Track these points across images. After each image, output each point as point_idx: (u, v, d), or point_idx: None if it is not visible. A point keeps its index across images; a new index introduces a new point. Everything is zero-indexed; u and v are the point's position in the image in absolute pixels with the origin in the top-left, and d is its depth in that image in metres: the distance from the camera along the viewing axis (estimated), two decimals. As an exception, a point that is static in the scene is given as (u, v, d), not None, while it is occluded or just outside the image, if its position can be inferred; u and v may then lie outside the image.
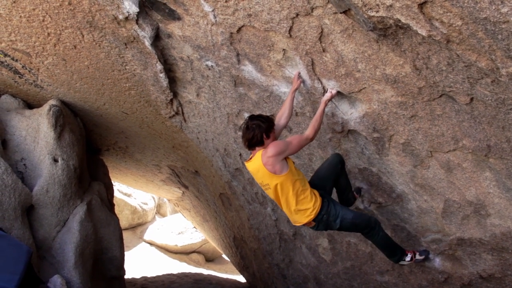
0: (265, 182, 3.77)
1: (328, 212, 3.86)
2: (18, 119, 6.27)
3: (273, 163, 3.56)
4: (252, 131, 3.59)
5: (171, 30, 4.64)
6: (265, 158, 3.57)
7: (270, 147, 3.56)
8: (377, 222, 4.08)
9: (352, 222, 3.92)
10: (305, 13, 3.24)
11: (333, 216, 3.87)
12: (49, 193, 5.76)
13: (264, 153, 3.59)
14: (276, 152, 3.54)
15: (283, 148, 3.58)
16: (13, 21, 4.95)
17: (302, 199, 3.76)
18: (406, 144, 3.67)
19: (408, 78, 3.06)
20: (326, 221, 3.88)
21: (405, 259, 4.20)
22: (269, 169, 3.59)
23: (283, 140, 3.68)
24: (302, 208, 3.78)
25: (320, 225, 3.92)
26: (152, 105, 6.58)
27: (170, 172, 11.20)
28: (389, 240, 4.19)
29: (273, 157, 3.54)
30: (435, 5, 2.26)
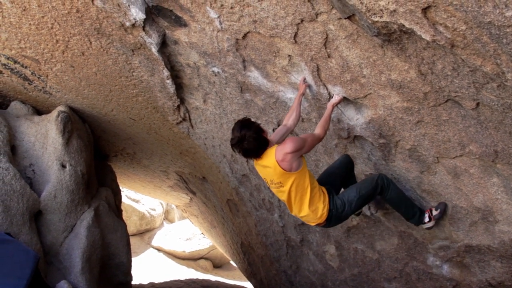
0: (276, 180, 3.55)
1: (335, 206, 3.71)
2: (27, 125, 6.32)
3: (291, 160, 3.37)
4: (248, 149, 3.42)
5: (177, 37, 4.67)
6: (282, 154, 3.37)
7: (288, 143, 3.35)
8: (384, 178, 3.83)
9: (359, 197, 3.73)
10: (310, 19, 3.24)
11: (341, 206, 3.72)
12: (57, 198, 5.79)
13: (281, 149, 3.39)
14: (295, 148, 3.35)
15: (301, 145, 3.40)
16: (23, 28, 5.00)
17: (313, 196, 3.61)
18: (413, 150, 3.65)
19: (414, 84, 3.05)
20: (337, 214, 3.73)
21: (424, 220, 3.91)
22: (285, 166, 3.39)
23: (299, 137, 3.49)
24: (314, 207, 3.63)
25: (332, 221, 3.78)
26: (160, 111, 6.61)
27: (178, 178, 11.21)
28: (403, 194, 3.91)
29: (291, 153, 3.34)
30: (438, 10, 2.25)
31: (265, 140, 3.46)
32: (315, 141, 3.61)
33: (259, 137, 3.39)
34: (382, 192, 3.84)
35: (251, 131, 3.36)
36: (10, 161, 5.48)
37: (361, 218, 4.95)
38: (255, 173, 6.61)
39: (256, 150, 3.44)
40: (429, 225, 3.92)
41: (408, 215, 3.94)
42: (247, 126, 3.39)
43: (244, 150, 3.42)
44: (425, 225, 3.93)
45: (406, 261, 4.74)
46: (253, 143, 3.36)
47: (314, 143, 3.62)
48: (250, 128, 3.37)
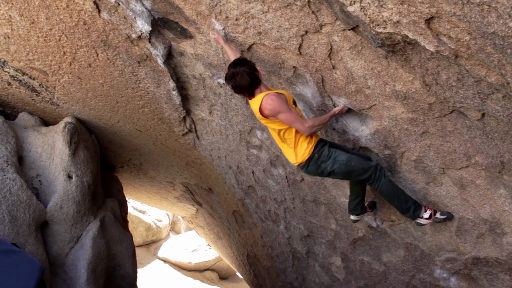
0: (263, 121, 3.70)
1: (320, 152, 3.70)
2: (34, 136, 6.36)
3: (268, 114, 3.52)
4: (240, 85, 3.47)
5: (183, 48, 4.70)
6: (264, 103, 3.47)
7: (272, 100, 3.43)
8: (378, 171, 3.75)
9: (346, 164, 3.67)
10: (314, 30, 3.26)
11: (324, 156, 3.69)
12: (63, 209, 5.81)
13: (265, 101, 3.46)
14: (272, 110, 3.45)
15: (278, 110, 3.44)
16: (31, 41, 5.06)
17: (299, 137, 3.68)
18: (418, 161, 3.63)
19: (418, 94, 3.05)
20: (317, 160, 3.70)
21: (423, 215, 3.80)
22: (265, 114, 3.53)
23: (287, 108, 3.48)
24: (298, 146, 3.69)
25: (310, 164, 3.75)
26: (166, 122, 6.63)
27: (184, 189, 11.22)
28: (397, 189, 3.80)
29: (268, 110, 3.47)
30: (442, 20, 2.25)
31: (257, 78, 3.51)
32: (299, 127, 3.55)
33: (252, 74, 3.44)
34: (370, 181, 3.79)
35: (245, 67, 3.42)
36: (17, 171, 5.51)
37: (367, 229, 4.92)
38: (260, 185, 6.60)
39: (248, 86, 3.48)
40: (424, 222, 3.86)
41: (402, 208, 3.86)
42: (241, 62, 3.46)
43: (236, 86, 3.49)
44: (421, 220, 3.86)
45: (413, 274, 4.69)
46: (245, 78, 3.42)
47: (295, 127, 3.57)
48: (244, 65, 3.43)
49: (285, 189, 6.02)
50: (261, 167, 6.13)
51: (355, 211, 4.32)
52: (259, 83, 3.54)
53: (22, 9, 4.56)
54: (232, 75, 3.43)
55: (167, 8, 4.16)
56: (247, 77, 3.42)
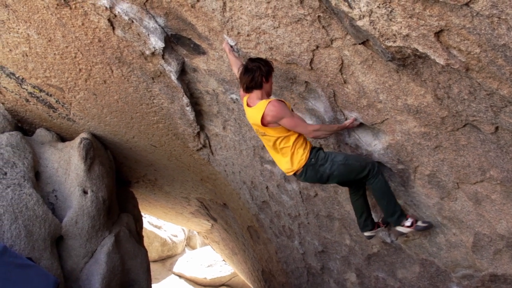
0: (261, 130, 3.65)
1: (316, 156, 3.69)
2: (51, 152, 6.45)
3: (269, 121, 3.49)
4: (252, 73, 3.42)
5: (196, 64, 4.75)
6: (267, 110, 3.44)
7: (275, 106, 3.44)
8: (376, 167, 3.75)
9: (345, 163, 3.67)
10: (325, 45, 3.27)
11: (322, 159, 3.68)
12: (78, 224, 5.86)
13: (269, 108, 3.44)
14: (275, 117, 3.44)
15: (282, 115, 3.44)
16: (48, 58, 5.16)
17: (296, 144, 3.67)
18: (432, 175, 3.59)
19: (430, 108, 3.02)
20: (315, 165, 3.68)
21: (404, 223, 3.84)
22: (265, 121, 3.51)
23: (290, 113, 3.51)
24: (295, 153, 3.67)
25: (308, 170, 3.71)
26: (180, 138, 6.67)
27: (199, 205, 11.23)
28: (390, 190, 3.81)
29: (271, 116, 3.45)
30: (451, 33, 2.24)
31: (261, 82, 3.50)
32: (302, 130, 3.58)
33: (260, 76, 3.44)
34: (368, 178, 3.75)
35: (264, 66, 3.44)
36: (34, 186, 5.58)
37: (381, 245, 4.86)
38: (275, 200, 6.58)
39: (260, 80, 3.47)
40: (405, 230, 3.88)
41: (389, 211, 3.85)
42: (262, 61, 3.47)
43: (242, 74, 3.49)
44: (402, 228, 3.88)
45: (429, 290, 4.62)
46: (251, 75, 3.44)
47: (299, 130, 3.59)
48: (265, 65, 3.45)
49: (299, 204, 5.99)
50: (275, 182, 6.12)
51: (367, 228, 4.28)
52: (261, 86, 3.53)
53: (40, 28, 4.66)
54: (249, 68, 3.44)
55: (180, 24, 4.21)
56: (264, 74, 3.45)
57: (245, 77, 3.47)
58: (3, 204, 4.95)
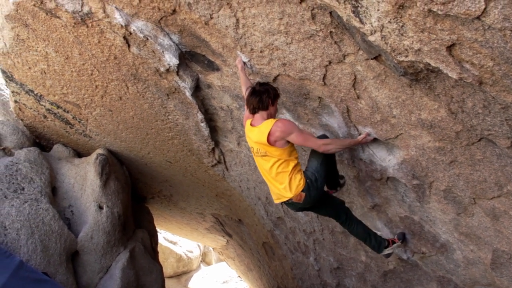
0: (262, 150, 3.64)
1: (308, 176, 3.72)
2: (67, 167, 6.53)
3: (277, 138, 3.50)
4: (260, 95, 3.49)
5: (210, 81, 4.79)
6: (275, 127, 3.47)
7: (283, 122, 3.50)
8: None
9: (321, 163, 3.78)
10: (337, 60, 3.27)
11: (312, 175, 3.73)
12: (94, 239, 5.89)
13: (276, 124, 3.48)
14: (284, 132, 3.46)
15: (291, 130, 3.48)
16: (65, 75, 5.26)
17: (294, 169, 3.67)
18: (447, 190, 3.54)
19: (444, 123, 2.99)
20: (313, 183, 3.70)
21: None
22: (270, 140, 3.50)
23: (299, 128, 3.57)
24: (293, 179, 3.65)
25: (311, 190, 3.69)
26: (195, 154, 6.71)
27: (214, 221, 11.23)
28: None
29: (280, 132, 3.47)
30: (463, 47, 2.23)
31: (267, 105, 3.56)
32: (313, 145, 3.61)
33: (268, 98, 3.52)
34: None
35: (272, 90, 3.54)
36: (51, 202, 5.64)
37: (397, 262, 4.79)
38: (289, 216, 6.55)
39: (266, 102, 3.54)
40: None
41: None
42: (269, 85, 3.59)
43: (250, 96, 3.56)
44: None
45: (446, 309, 4.53)
46: (259, 97, 3.51)
47: (308, 144, 3.60)
48: (272, 88, 3.57)
49: (314, 220, 5.95)
50: (289, 198, 6.09)
51: (382, 245, 4.22)
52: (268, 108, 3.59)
53: (58, 46, 4.76)
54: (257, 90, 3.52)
55: (194, 41, 4.26)
56: (272, 97, 3.53)
57: (252, 98, 3.54)
58: (20, 219, 5.00)
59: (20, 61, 5.21)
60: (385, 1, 2.25)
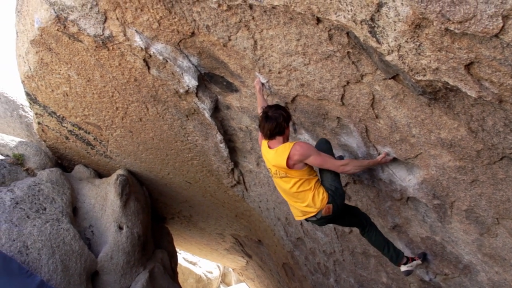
0: (282, 172, 3.65)
1: (327, 187, 3.72)
2: (88, 188, 6.61)
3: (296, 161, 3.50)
4: (276, 120, 3.45)
5: (229, 102, 4.82)
6: (293, 150, 3.46)
7: (302, 146, 3.48)
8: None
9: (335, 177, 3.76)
10: (355, 80, 3.27)
11: (331, 186, 3.72)
12: (113, 259, 5.91)
13: (295, 148, 3.47)
14: (302, 155, 3.46)
15: (309, 153, 3.48)
16: (87, 97, 5.36)
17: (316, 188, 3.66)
18: (470, 210, 3.47)
19: (465, 142, 2.95)
20: (335, 192, 3.70)
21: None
22: (290, 163, 3.50)
23: (316, 150, 3.55)
24: (317, 195, 3.66)
25: (336, 199, 3.69)
26: (214, 174, 6.73)
27: (234, 241, 11.19)
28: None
29: (298, 155, 3.46)
30: (482, 65, 2.20)
31: (284, 129, 3.56)
32: (332, 167, 3.60)
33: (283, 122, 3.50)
34: None
35: (284, 112, 3.50)
36: (71, 222, 5.70)
37: (419, 283, 4.68)
38: (309, 237, 6.49)
39: (280, 129, 3.52)
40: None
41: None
42: (281, 108, 3.52)
43: (264, 122, 3.52)
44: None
45: (472, 333, 4.40)
46: (274, 122, 3.47)
47: (326, 166, 3.60)
48: (284, 111, 3.52)
49: (334, 241, 5.88)
50: (309, 218, 6.05)
51: (399, 256, 4.17)
52: (284, 132, 3.59)
53: (80, 69, 4.86)
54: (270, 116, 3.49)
55: (213, 63, 4.31)
56: (286, 120, 3.52)
57: (268, 124, 3.51)
58: (42, 239, 5.06)
59: (44, 83, 5.34)
60: (401, 21, 2.25)
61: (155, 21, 3.85)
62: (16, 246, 4.79)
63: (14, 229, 4.88)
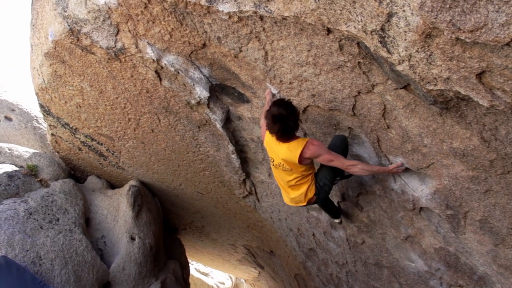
0: (287, 166, 3.75)
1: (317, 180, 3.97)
2: (101, 199, 6.65)
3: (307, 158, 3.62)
4: (286, 121, 3.38)
5: (240, 113, 4.83)
6: (306, 148, 3.52)
7: (315, 144, 3.53)
8: None
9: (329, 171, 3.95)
10: (366, 90, 3.26)
11: (319, 181, 3.96)
12: (125, 270, 5.92)
13: (307, 146, 3.52)
14: (314, 153, 3.54)
15: (320, 152, 3.55)
16: (99, 109, 5.41)
17: (312, 180, 3.94)
18: (483, 221, 3.43)
19: (477, 151, 2.92)
20: (322, 187, 3.97)
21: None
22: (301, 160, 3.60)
23: (327, 149, 3.59)
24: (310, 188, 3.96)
25: (321, 193, 4.01)
26: (226, 185, 6.73)
27: (246, 252, 11.15)
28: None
29: (310, 154, 3.55)
30: (494, 74, 2.19)
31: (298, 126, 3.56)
32: (340, 165, 3.63)
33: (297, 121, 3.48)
34: None
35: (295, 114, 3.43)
36: (84, 232, 5.73)
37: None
38: (321, 247, 6.45)
39: (293, 132, 3.52)
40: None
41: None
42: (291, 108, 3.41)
43: (284, 128, 3.44)
44: None
45: None
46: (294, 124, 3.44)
47: (334, 164, 3.63)
48: (294, 111, 3.43)
49: (346, 252, 5.84)
50: (321, 229, 6.02)
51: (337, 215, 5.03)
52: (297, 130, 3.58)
53: (92, 81, 4.92)
54: (282, 117, 3.40)
55: (224, 74, 4.34)
56: (297, 119, 3.47)
57: (276, 126, 3.43)
58: (55, 250, 5.09)
59: (57, 95, 5.40)
60: (412, 31, 2.25)
61: (167, 33, 3.89)
62: (30, 257, 4.82)
63: (28, 240, 4.92)
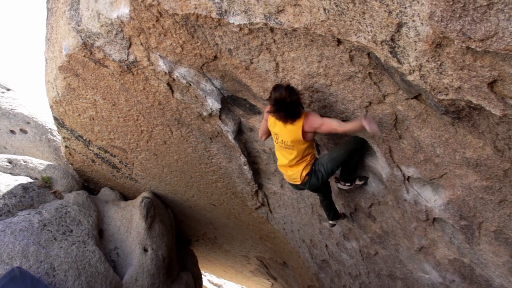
0: (290, 144, 3.83)
1: (314, 164, 4.03)
2: (114, 210, 6.68)
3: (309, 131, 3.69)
4: (290, 107, 3.46)
5: (252, 124, 4.85)
6: (307, 126, 3.62)
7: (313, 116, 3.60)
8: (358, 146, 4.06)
9: (330, 159, 4.00)
10: (377, 101, 3.25)
11: (317, 165, 4.02)
12: (138, 282, 5.93)
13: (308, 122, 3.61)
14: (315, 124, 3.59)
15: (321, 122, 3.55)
16: (112, 121, 5.46)
17: (311, 159, 4.02)
18: (498, 231, 3.38)
19: (491, 161, 2.89)
20: (315, 172, 4.03)
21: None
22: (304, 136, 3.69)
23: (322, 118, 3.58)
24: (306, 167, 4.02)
25: (312, 178, 4.05)
26: (239, 196, 6.73)
27: (259, 263, 11.10)
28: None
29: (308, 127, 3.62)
30: (505, 83, 2.17)
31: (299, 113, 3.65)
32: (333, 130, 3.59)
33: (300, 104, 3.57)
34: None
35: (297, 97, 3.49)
36: (97, 244, 5.76)
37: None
38: (334, 258, 6.40)
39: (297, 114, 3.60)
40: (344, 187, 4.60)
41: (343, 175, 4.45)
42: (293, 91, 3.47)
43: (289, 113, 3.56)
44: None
45: None
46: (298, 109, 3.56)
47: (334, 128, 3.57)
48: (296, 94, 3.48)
49: (359, 263, 5.79)
50: (334, 240, 5.98)
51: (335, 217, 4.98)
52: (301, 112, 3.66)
53: (105, 93, 4.98)
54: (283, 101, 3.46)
55: (236, 86, 4.36)
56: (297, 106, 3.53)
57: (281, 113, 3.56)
58: (68, 261, 5.12)
59: (71, 108, 5.47)
60: (422, 41, 2.24)
61: (178, 46, 3.93)
62: (44, 268, 4.85)
63: (42, 251, 4.96)
